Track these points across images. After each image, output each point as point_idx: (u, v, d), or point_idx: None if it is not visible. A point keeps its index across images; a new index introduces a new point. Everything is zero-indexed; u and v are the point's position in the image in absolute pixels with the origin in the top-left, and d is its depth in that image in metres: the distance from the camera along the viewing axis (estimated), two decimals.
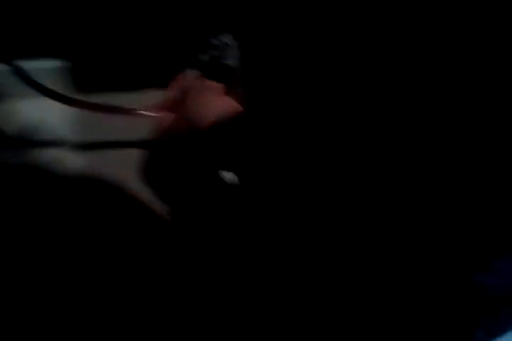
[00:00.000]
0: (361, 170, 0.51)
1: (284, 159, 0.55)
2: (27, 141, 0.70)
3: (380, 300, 0.49)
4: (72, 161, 0.70)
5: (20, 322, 0.43)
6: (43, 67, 0.72)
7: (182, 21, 0.72)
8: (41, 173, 0.69)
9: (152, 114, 0.63)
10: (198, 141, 0.57)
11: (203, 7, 0.70)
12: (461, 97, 0.50)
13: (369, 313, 0.48)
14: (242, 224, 0.54)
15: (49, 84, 0.67)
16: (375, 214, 0.50)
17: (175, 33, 0.72)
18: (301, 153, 0.54)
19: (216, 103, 0.59)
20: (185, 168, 0.59)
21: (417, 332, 0.48)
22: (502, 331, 0.48)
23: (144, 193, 0.60)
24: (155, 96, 0.67)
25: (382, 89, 0.52)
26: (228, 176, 0.55)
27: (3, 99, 0.72)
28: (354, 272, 0.49)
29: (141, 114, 0.63)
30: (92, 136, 0.71)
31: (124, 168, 0.66)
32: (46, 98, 0.64)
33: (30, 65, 0.69)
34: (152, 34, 0.73)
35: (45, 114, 0.70)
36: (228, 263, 0.52)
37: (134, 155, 0.65)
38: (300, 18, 0.59)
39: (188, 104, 0.60)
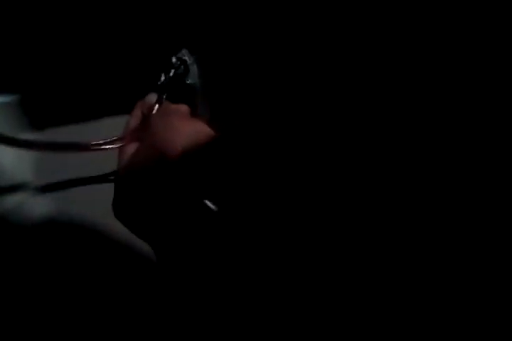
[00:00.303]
0: (347, 194, 0.50)
1: (265, 181, 0.52)
2: None
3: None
4: (38, 206, 0.66)
5: None
6: None
7: (138, 42, 0.68)
8: (6, 222, 0.65)
9: (114, 146, 0.59)
10: (170, 169, 0.53)
11: (157, 25, 0.66)
12: (461, 97, 0.49)
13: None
14: (230, 253, 0.51)
15: None
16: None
17: (131, 56, 0.68)
18: (282, 172, 0.52)
19: (184, 127, 0.55)
20: (162, 200, 0.54)
21: None
22: None
23: (121, 231, 0.57)
24: (116, 125, 0.63)
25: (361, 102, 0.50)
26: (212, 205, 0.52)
27: None
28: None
29: (102, 148, 0.58)
30: (54, 177, 0.66)
31: (94, 207, 0.63)
32: None
33: None
34: (107, 57, 0.69)
35: None
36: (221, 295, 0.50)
37: (103, 192, 0.61)
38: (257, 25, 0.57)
39: (153, 131, 0.56)
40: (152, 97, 0.61)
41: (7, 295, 0.61)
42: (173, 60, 0.62)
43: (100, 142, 0.59)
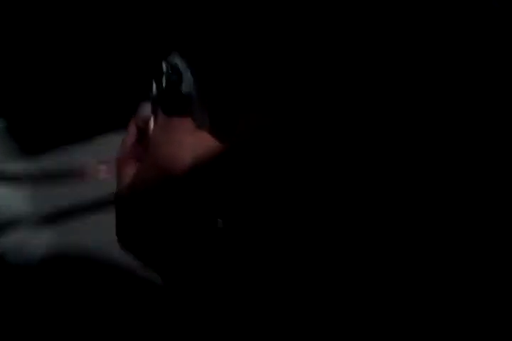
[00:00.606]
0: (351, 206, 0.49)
1: (277, 193, 0.50)
2: None
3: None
4: (39, 241, 0.63)
5: None
6: None
7: (124, 49, 0.65)
8: (9, 259, 0.62)
9: (111, 168, 0.55)
10: (178, 188, 0.50)
11: (142, 30, 0.63)
12: (461, 97, 0.48)
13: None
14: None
15: None
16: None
17: (117, 66, 0.65)
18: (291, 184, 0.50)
19: (188, 140, 0.51)
20: (172, 223, 0.51)
21: None
22: None
23: (127, 260, 0.55)
24: (111, 144, 0.60)
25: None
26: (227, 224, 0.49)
27: None
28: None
29: (98, 171, 0.55)
30: (52, 208, 0.63)
31: (97, 236, 0.60)
32: None
33: None
34: (93, 71, 0.66)
35: None
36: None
37: (104, 218, 0.58)
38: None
39: (153, 148, 0.52)
40: (146, 110, 0.57)
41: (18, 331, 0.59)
42: (164, 66, 0.58)
43: (95, 165, 0.55)
